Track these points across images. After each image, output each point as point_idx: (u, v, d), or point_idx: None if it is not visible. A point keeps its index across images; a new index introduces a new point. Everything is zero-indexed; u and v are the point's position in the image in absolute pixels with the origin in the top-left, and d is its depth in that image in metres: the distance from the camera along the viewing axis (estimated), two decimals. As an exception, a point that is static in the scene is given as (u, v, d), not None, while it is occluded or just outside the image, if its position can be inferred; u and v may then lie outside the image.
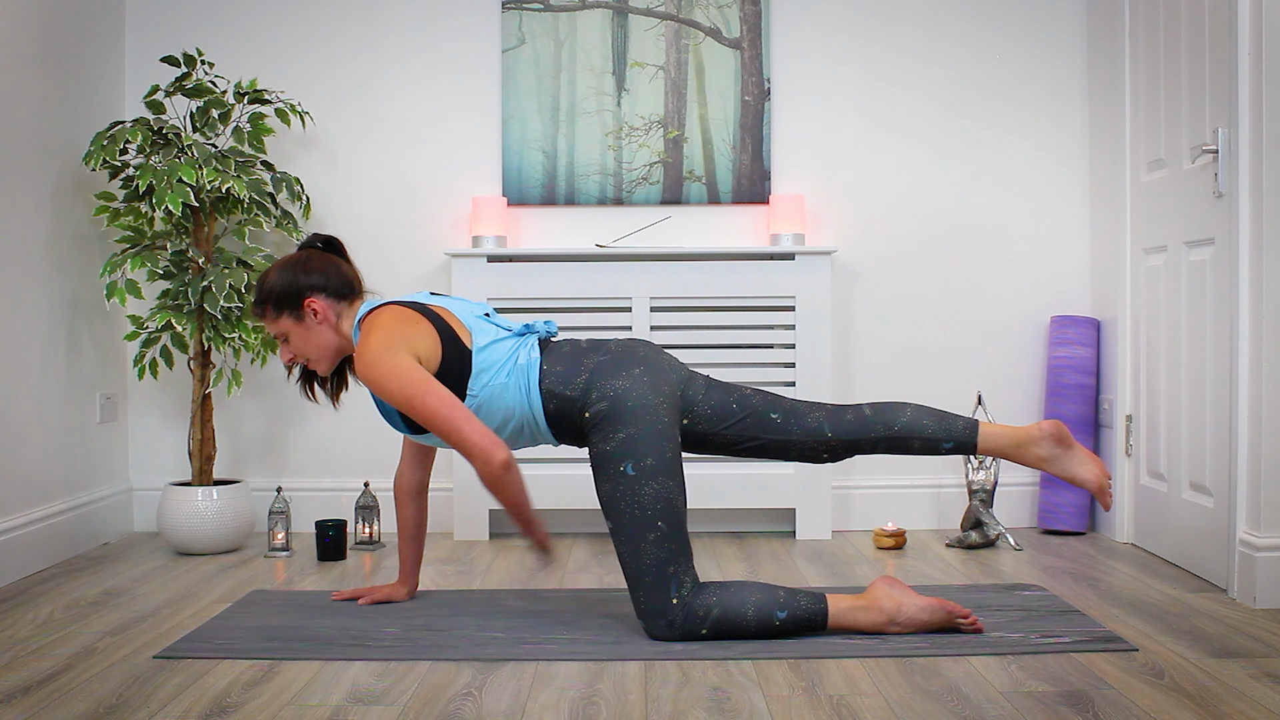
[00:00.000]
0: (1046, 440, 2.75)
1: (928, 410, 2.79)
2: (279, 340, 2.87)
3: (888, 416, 2.77)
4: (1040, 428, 2.75)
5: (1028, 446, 2.75)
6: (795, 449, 2.78)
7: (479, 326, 2.75)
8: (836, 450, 2.78)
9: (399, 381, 2.57)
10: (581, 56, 4.10)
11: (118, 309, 4.01)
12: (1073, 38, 4.13)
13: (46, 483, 3.59)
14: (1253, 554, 2.96)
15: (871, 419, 2.77)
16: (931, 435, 2.75)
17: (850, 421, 2.76)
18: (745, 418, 2.77)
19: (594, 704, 2.26)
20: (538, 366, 2.71)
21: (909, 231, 4.14)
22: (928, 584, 3.21)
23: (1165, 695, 2.28)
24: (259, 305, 2.85)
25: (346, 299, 2.85)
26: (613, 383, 2.67)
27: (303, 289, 2.80)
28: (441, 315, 2.73)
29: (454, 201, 4.14)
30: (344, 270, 2.87)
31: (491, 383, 2.69)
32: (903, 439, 2.76)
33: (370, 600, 3.02)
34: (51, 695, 2.32)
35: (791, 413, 2.78)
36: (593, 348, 2.76)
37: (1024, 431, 2.76)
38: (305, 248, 2.93)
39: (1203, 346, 3.27)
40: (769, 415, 2.77)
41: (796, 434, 2.77)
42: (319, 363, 2.86)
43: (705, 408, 2.76)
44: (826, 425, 2.76)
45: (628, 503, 2.62)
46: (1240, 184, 3.01)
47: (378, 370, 2.59)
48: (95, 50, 3.93)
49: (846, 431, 2.76)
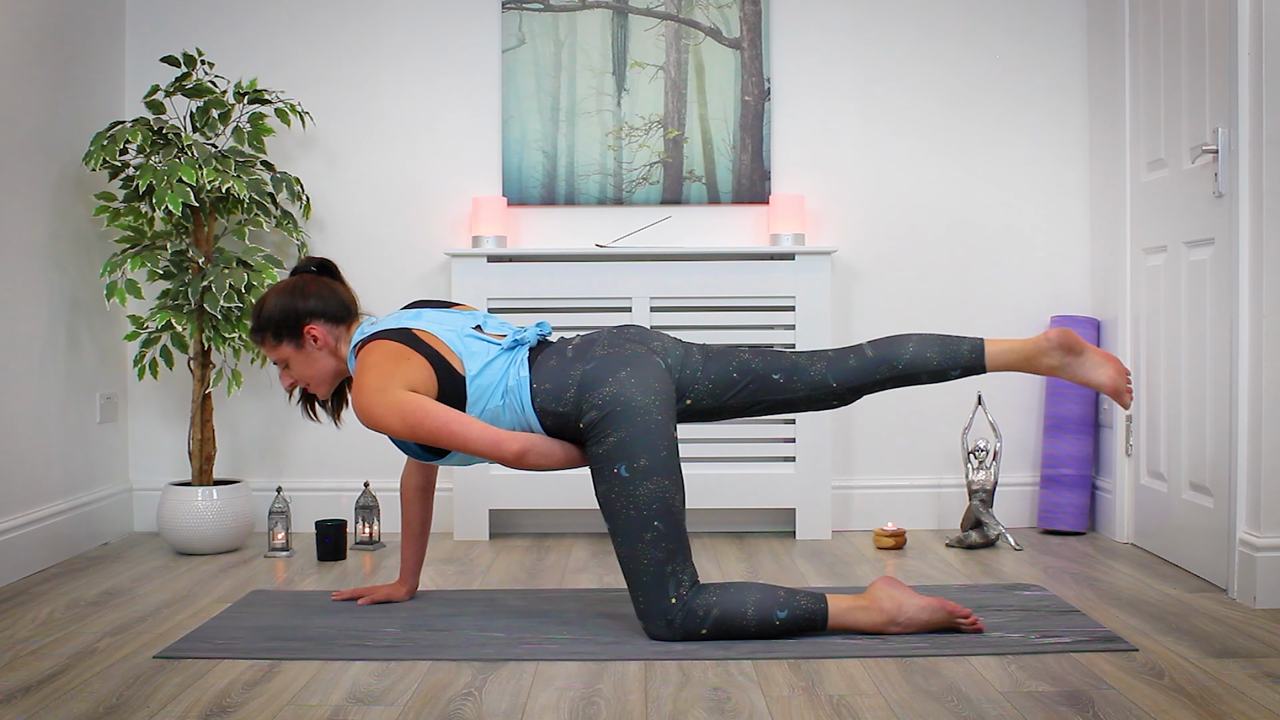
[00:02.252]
0: (1055, 349, 2.72)
1: (929, 339, 2.76)
2: (279, 366, 2.88)
3: (891, 354, 2.74)
4: (1048, 337, 2.72)
5: (1037, 358, 2.72)
6: (803, 403, 2.78)
7: (469, 349, 2.72)
8: (845, 395, 2.76)
9: (398, 415, 2.61)
10: (581, 56, 4.10)
11: (118, 309, 4.01)
12: (1073, 38, 4.13)
13: (46, 483, 3.59)
14: (1253, 554, 2.96)
15: (875, 360, 2.74)
16: (938, 366, 2.72)
17: (853, 366, 2.74)
18: (748, 384, 2.75)
19: (594, 704, 2.26)
20: (528, 386, 2.69)
21: (909, 231, 4.14)
22: (928, 584, 3.21)
23: (1165, 695, 2.28)
24: (258, 333, 2.85)
25: (344, 323, 2.86)
26: (600, 391, 2.65)
27: (301, 316, 2.82)
28: (431, 344, 2.71)
29: (454, 201, 4.14)
30: (340, 294, 2.89)
31: (488, 407, 2.70)
32: (909, 374, 2.74)
33: (370, 600, 3.02)
34: (51, 695, 2.32)
35: (794, 369, 2.76)
36: (578, 354, 2.73)
37: (1031, 343, 2.73)
38: (299, 272, 2.94)
39: (1203, 346, 3.27)
40: (771, 376, 2.75)
41: (802, 389, 2.75)
42: (319, 387, 2.88)
43: (706, 383, 2.75)
44: (830, 375, 2.74)
45: (623, 503, 2.62)
46: (1240, 184, 3.01)
47: (376, 413, 2.63)
48: (95, 50, 3.93)
49: (851, 377, 2.74)
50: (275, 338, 2.84)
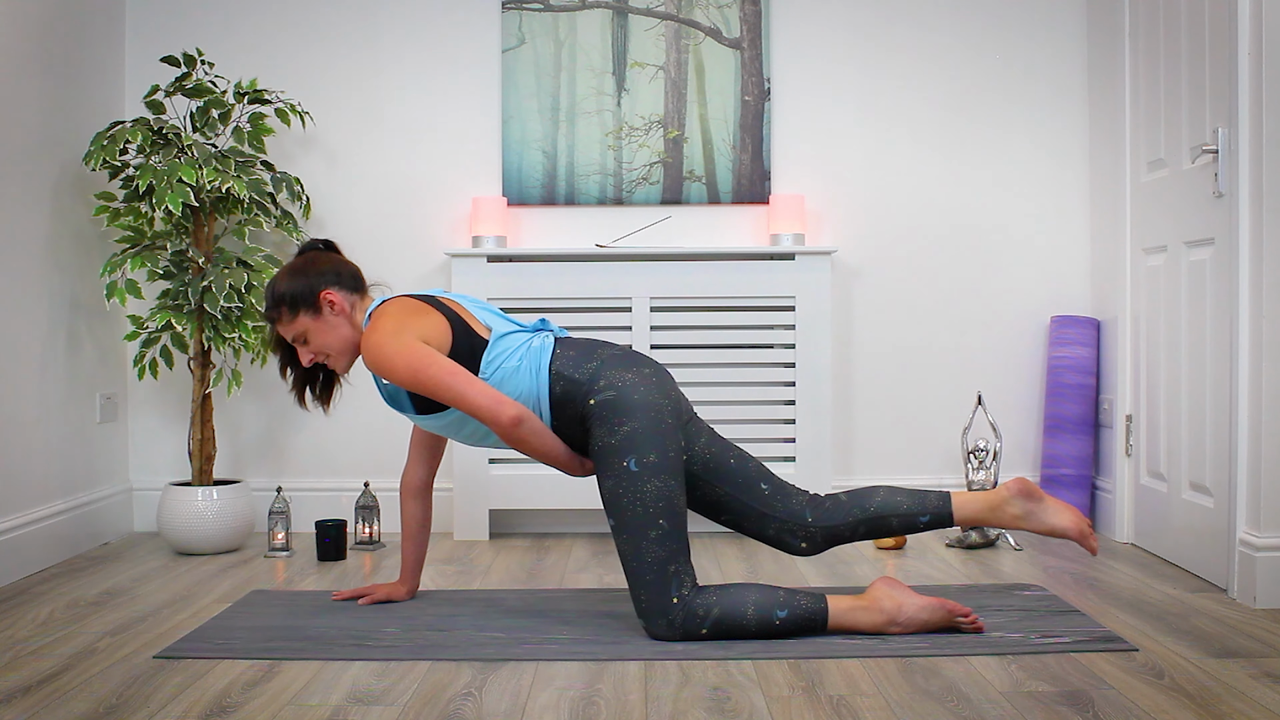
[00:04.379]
0: (1017, 498, 2.84)
1: (898, 489, 2.87)
2: (297, 344, 2.86)
3: (862, 500, 2.84)
4: (1008, 487, 2.84)
5: (1000, 508, 2.84)
6: (774, 526, 2.83)
7: (495, 321, 2.81)
8: (815, 538, 2.83)
9: (405, 360, 2.63)
10: (581, 56, 4.10)
11: (118, 309, 4.01)
12: (1073, 38, 4.13)
13: (46, 483, 3.59)
14: (1253, 554, 2.96)
15: (847, 504, 2.84)
16: (907, 511, 2.83)
17: (828, 508, 2.83)
18: (738, 479, 2.82)
19: (594, 704, 2.26)
20: (549, 351, 2.76)
21: (909, 231, 4.14)
22: (928, 584, 3.21)
23: (1165, 695, 2.28)
24: (274, 309, 2.85)
25: (358, 291, 2.89)
26: (623, 375, 2.70)
27: (316, 284, 2.84)
28: (452, 307, 2.78)
29: (454, 201, 4.14)
30: (351, 265, 2.93)
31: (504, 365, 2.72)
32: (880, 518, 2.83)
33: (370, 600, 3.02)
34: (51, 695, 2.32)
35: (780, 488, 2.84)
36: (606, 344, 2.82)
37: (994, 495, 2.85)
38: (306, 250, 2.95)
39: (1203, 346, 3.27)
40: (759, 484, 2.83)
41: (780, 512, 2.82)
42: (340, 358, 2.87)
43: (704, 452, 2.82)
44: (808, 510, 2.82)
45: (630, 499, 2.63)
46: (1240, 184, 3.01)
47: (384, 352, 2.64)
48: (95, 50, 3.93)
49: (825, 518, 2.82)
50: (292, 310, 2.83)
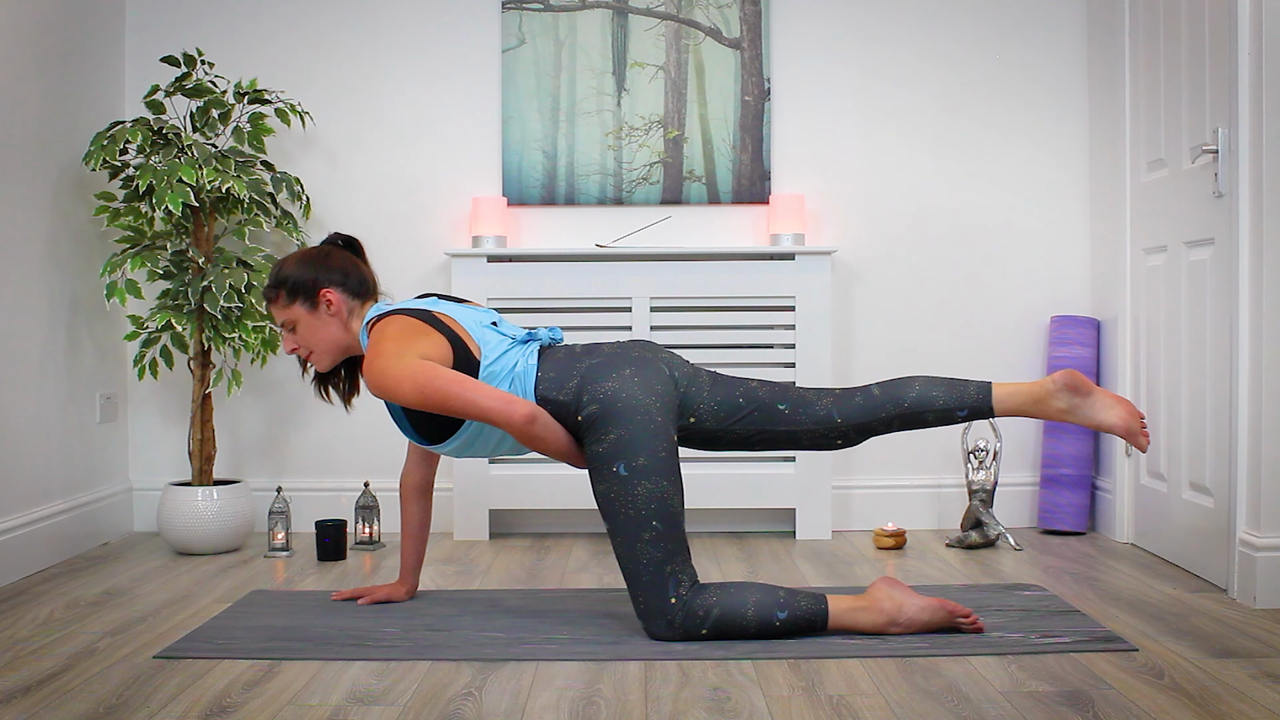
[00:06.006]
0: (1063, 392, 2.68)
1: (936, 380, 2.73)
2: (284, 330, 2.86)
3: (896, 393, 2.72)
4: (1054, 379, 2.68)
5: (1045, 401, 2.69)
6: (806, 438, 2.75)
7: (486, 337, 2.76)
8: (849, 434, 2.73)
9: (410, 380, 2.59)
10: (581, 56, 4.10)
11: (118, 309, 4.01)
12: (1073, 38, 4.13)
13: (46, 483, 3.59)
14: (1253, 554, 2.96)
15: (880, 398, 2.72)
16: (943, 405, 2.69)
17: (859, 404, 2.73)
18: (752, 412, 2.74)
19: (594, 704, 2.26)
20: (534, 373, 2.72)
21: (909, 231, 4.14)
22: (928, 584, 3.21)
23: (1165, 695, 2.28)
24: (273, 289, 2.85)
25: (360, 298, 2.87)
26: (603, 385, 2.67)
27: (320, 279, 2.83)
28: (450, 325, 2.73)
29: (454, 201, 4.14)
30: (363, 270, 2.91)
31: None
32: (915, 414, 2.71)
33: (370, 600, 3.02)
34: (51, 695, 2.32)
35: (799, 402, 2.74)
36: (586, 352, 2.76)
37: (1039, 386, 2.69)
38: (327, 244, 2.95)
39: (1203, 346, 3.27)
40: (776, 406, 2.74)
41: (806, 423, 2.73)
42: (321, 356, 2.87)
43: (710, 404, 2.75)
44: (835, 411, 2.72)
45: (622, 503, 2.62)
46: (1240, 184, 3.01)
47: (389, 377, 2.61)
48: (95, 50, 3.93)
49: (856, 415, 2.72)
50: (289, 296, 2.83)
